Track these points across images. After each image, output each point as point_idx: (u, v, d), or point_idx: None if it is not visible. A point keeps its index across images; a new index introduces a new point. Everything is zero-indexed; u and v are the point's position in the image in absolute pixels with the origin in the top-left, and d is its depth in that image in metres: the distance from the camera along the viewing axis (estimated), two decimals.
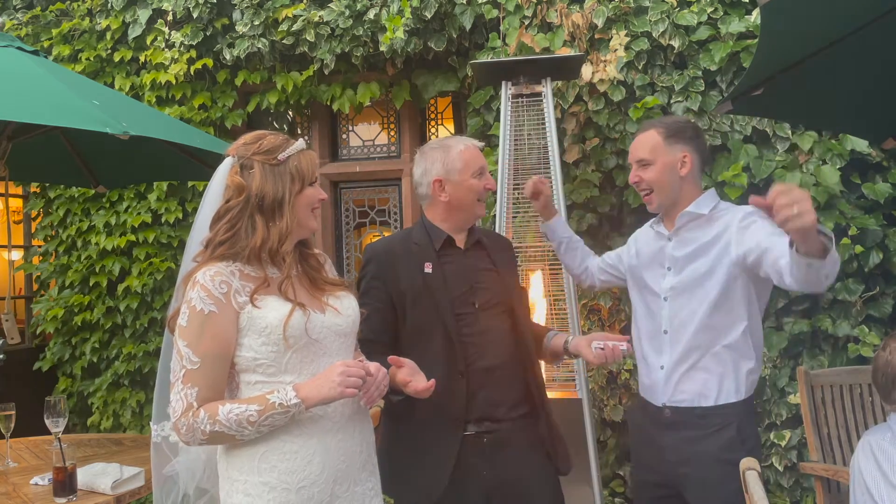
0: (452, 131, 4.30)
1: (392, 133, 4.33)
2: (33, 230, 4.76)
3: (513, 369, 1.94)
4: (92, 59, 4.27)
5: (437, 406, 1.84)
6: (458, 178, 1.96)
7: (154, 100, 4.17)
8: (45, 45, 4.32)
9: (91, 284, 4.26)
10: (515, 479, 1.90)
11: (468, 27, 3.68)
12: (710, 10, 3.42)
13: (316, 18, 3.84)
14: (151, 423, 1.69)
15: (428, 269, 1.94)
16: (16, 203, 5.00)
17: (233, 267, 1.52)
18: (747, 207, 1.89)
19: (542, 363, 2.16)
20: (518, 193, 3.36)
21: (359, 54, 3.83)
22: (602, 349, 1.88)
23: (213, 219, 1.58)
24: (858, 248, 3.12)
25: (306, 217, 1.60)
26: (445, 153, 1.98)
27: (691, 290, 1.96)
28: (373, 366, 1.56)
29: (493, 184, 2.03)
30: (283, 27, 3.90)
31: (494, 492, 1.89)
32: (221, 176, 1.60)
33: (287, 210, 1.56)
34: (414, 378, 1.67)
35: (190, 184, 4.18)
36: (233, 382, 1.55)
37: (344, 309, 1.63)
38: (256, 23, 3.95)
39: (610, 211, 3.55)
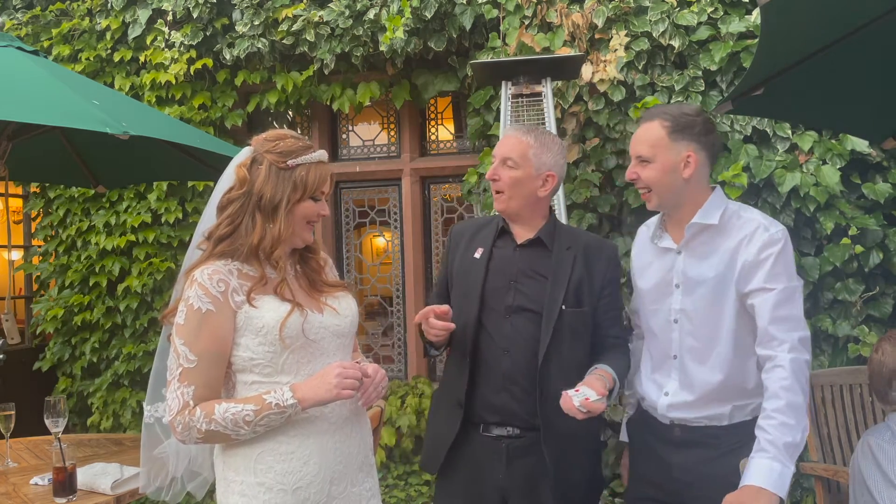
0: (452, 131, 4.30)
1: (392, 133, 4.33)
2: (33, 230, 4.76)
3: (529, 382, 1.86)
4: (92, 59, 4.27)
5: (446, 385, 1.96)
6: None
7: (154, 100, 4.17)
8: (45, 45, 4.32)
9: (91, 284, 4.26)
10: (533, 487, 1.88)
11: (468, 27, 3.68)
12: (710, 10, 3.42)
13: (316, 18, 3.84)
14: (145, 404, 1.70)
15: (478, 254, 1.95)
16: (16, 203, 5.00)
17: (231, 266, 1.52)
18: (764, 226, 1.76)
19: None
20: None
21: (359, 54, 3.83)
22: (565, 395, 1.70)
23: (218, 207, 1.58)
24: (858, 248, 3.12)
25: (301, 228, 1.59)
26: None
27: (704, 314, 1.79)
28: (370, 367, 1.56)
29: (488, 175, 2.01)
30: (283, 27, 3.89)
31: (511, 495, 1.89)
32: (234, 164, 1.60)
33: (282, 216, 1.54)
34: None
35: (190, 184, 4.18)
36: (229, 382, 1.55)
37: (342, 309, 1.63)
38: (256, 23, 3.95)
39: (610, 211, 3.55)
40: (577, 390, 1.69)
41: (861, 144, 3.16)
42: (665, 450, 1.86)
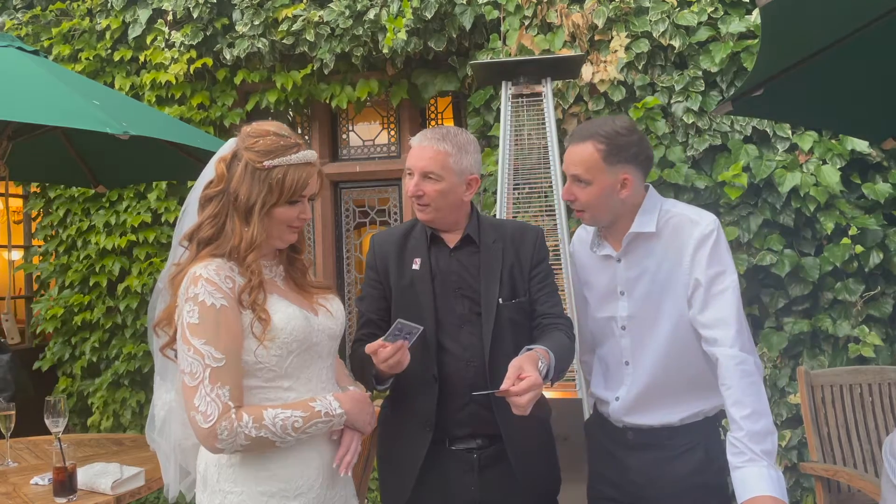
0: None
1: (392, 133, 4.33)
2: (33, 230, 4.77)
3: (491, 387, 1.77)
4: (92, 58, 4.27)
5: (407, 409, 1.82)
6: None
7: (154, 99, 4.17)
8: (45, 44, 4.32)
9: (91, 284, 4.26)
10: (507, 494, 1.83)
11: (468, 27, 3.68)
12: (710, 10, 3.42)
13: (316, 18, 3.84)
14: (148, 431, 1.64)
15: (416, 265, 1.86)
16: (16, 203, 5.00)
17: (231, 263, 1.45)
18: (693, 220, 1.75)
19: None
20: (518, 193, 3.36)
21: (359, 54, 3.83)
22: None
23: (200, 202, 1.51)
24: (858, 248, 3.12)
25: (280, 231, 1.51)
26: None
27: (651, 319, 1.79)
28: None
29: (409, 191, 1.84)
30: (283, 27, 3.89)
31: None
32: (216, 156, 1.54)
33: (255, 220, 1.45)
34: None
35: (190, 184, 4.17)
36: None
37: (335, 311, 1.61)
38: (256, 23, 3.95)
39: None
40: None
41: (861, 144, 3.17)
42: (620, 452, 1.86)
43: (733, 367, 1.63)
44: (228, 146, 1.53)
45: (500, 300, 1.82)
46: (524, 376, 1.56)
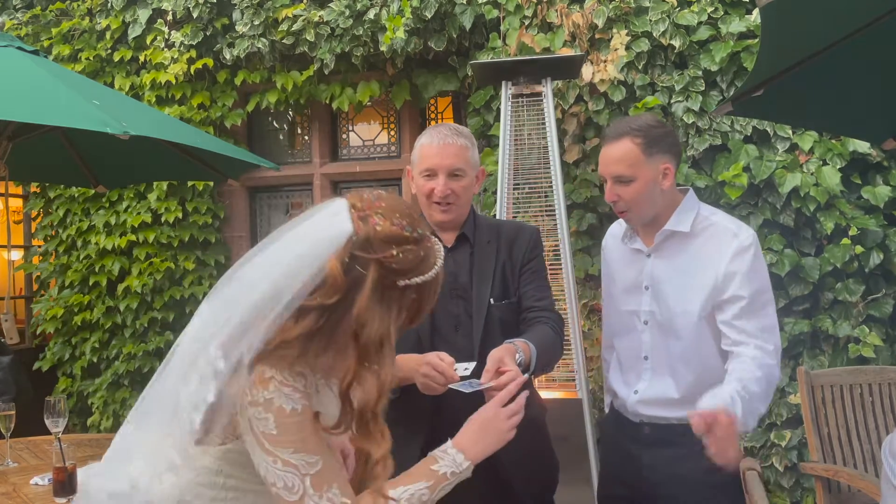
0: None
1: (392, 133, 4.33)
2: (33, 230, 4.77)
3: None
4: (92, 58, 4.27)
5: (400, 411, 1.74)
6: (415, 172, 1.84)
7: (154, 99, 4.17)
8: (45, 44, 4.32)
9: (91, 284, 4.26)
10: (501, 497, 1.81)
11: (468, 27, 3.68)
12: (710, 9, 3.42)
13: (316, 18, 3.84)
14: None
15: None
16: (16, 203, 5.00)
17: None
18: (733, 232, 1.76)
19: None
20: (518, 193, 3.37)
21: (359, 54, 3.83)
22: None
23: (293, 313, 1.13)
24: (858, 249, 3.12)
25: None
26: (418, 141, 1.84)
27: (673, 317, 1.80)
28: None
29: (437, 193, 1.76)
30: (283, 27, 3.90)
31: None
32: (324, 245, 1.14)
33: (389, 357, 1.17)
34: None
35: (190, 183, 4.18)
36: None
37: None
38: (256, 23, 3.95)
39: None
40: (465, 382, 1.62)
41: (861, 145, 3.17)
42: (635, 448, 1.87)
43: (764, 367, 1.66)
44: (342, 234, 1.14)
45: (492, 300, 1.81)
46: (504, 370, 1.55)
